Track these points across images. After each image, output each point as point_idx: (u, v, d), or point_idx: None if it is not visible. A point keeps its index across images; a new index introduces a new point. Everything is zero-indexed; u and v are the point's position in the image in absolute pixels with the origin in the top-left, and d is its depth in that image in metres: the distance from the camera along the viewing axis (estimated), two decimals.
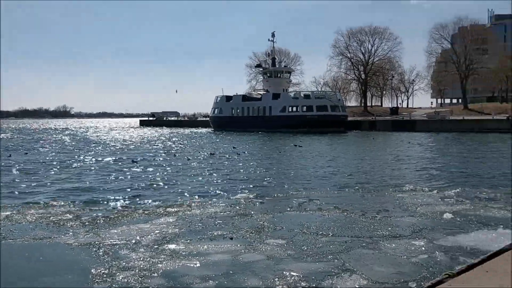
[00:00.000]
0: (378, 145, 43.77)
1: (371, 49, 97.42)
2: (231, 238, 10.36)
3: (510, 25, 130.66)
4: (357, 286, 7.33)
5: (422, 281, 7.23)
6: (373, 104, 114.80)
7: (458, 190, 16.23)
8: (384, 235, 10.36)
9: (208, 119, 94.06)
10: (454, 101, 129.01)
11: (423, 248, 9.27)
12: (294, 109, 74.26)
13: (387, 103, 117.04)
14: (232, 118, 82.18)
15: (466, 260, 7.98)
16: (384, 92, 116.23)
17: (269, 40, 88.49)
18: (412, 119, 72.75)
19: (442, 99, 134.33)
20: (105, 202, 14.74)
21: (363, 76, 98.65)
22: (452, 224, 11.33)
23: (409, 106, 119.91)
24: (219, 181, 19.73)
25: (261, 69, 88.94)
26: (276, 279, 7.78)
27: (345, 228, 11.02)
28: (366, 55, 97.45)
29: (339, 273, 7.93)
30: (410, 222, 11.57)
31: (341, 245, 9.63)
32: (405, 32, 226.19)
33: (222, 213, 12.95)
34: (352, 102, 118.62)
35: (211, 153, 34.51)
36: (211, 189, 17.53)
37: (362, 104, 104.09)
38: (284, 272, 8.07)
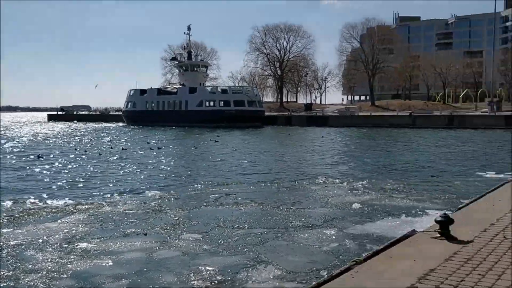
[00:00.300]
0: (293, 139, 44.96)
1: (287, 46, 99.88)
2: (145, 235, 10.13)
3: (414, 27, 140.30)
4: (271, 277, 7.48)
5: (332, 269, 7.53)
6: (289, 100, 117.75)
7: (365, 182, 17.11)
8: (298, 226, 10.68)
9: (121, 113, 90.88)
10: (363, 98, 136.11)
11: (333, 237, 9.67)
12: (211, 103, 74.06)
13: (302, 99, 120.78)
14: (147, 112, 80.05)
15: (372, 247, 8.44)
16: (299, 88, 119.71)
17: (185, 33, 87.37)
18: (325, 115, 75.63)
19: (352, 96, 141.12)
20: (9, 201, 13.73)
21: (279, 72, 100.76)
22: (361, 214, 11.93)
23: (322, 102, 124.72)
24: (132, 177, 19.19)
25: (177, 62, 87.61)
26: (192, 275, 7.72)
27: (261, 221, 11.20)
28: (281, 52, 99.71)
29: (254, 265, 8.04)
30: (322, 212, 12.02)
31: (256, 237, 9.78)
32: (318, 31, 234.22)
33: (135, 210, 12.61)
34: (268, 97, 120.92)
35: (123, 148, 33.44)
36: (124, 185, 17.01)
37: (278, 100, 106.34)
38: (200, 267, 8.03)
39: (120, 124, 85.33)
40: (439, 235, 6.54)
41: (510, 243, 6.21)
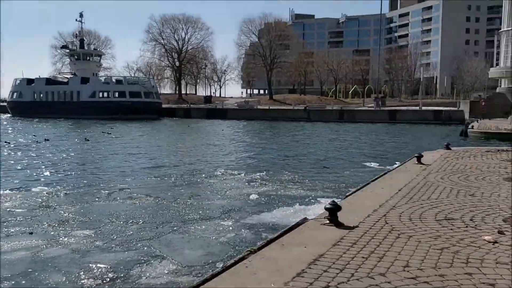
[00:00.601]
0: (192, 132, 44.66)
1: (185, 37, 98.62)
2: (31, 233, 9.41)
3: (308, 24, 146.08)
4: (166, 272, 7.33)
5: (228, 259, 7.58)
6: (188, 92, 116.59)
7: (263, 173, 17.50)
8: (195, 218, 10.61)
9: (5, 104, 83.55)
10: (262, 92, 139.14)
11: (231, 228, 9.75)
12: (105, 94, 70.95)
13: (201, 92, 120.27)
14: (35, 104, 74.42)
15: (268, 235, 8.64)
16: (198, 80, 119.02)
17: (76, 20, 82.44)
18: (225, 108, 76.15)
19: (251, 90, 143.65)
20: None
21: (177, 63, 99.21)
22: (258, 204, 12.17)
23: (222, 95, 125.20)
24: (17, 172, 17.74)
25: (68, 51, 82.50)
26: (82, 273, 7.32)
27: (156, 215, 10.95)
28: (180, 43, 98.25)
29: (148, 261, 7.83)
30: (219, 204, 12.07)
31: (151, 231, 9.54)
32: (217, 23, 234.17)
33: (19, 208, 11.66)
34: (167, 89, 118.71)
35: (6, 142, 30.79)
36: (6, 182, 15.65)
37: (177, 92, 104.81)
38: (91, 265, 7.65)
39: (4, 116, 78.40)
40: (328, 221, 6.86)
41: (391, 227, 6.71)
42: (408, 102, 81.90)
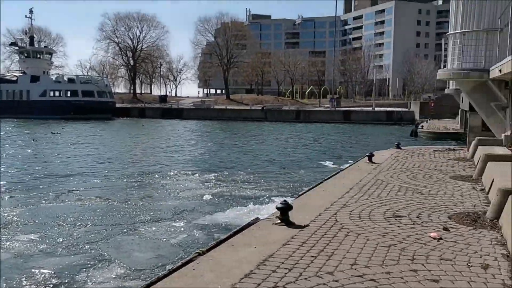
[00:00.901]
0: (146, 132, 43.84)
1: (140, 36, 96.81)
2: None
3: (265, 25, 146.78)
4: (113, 276, 7.10)
5: (178, 261, 7.43)
6: (143, 92, 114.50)
7: (218, 174, 17.37)
8: (146, 220, 10.36)
9: None
10: (219, 91, 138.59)
11: (182, 229, 9.58)
12: (57, 93, 68.60)
13: (157, 91, 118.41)
14: None
15: (220, 236, 8.52)
16: (153, 80, 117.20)
17: (26, 16, 79.37)
18: (180, 108, 75.31)
19: (208, 89, 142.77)
20: None
21: (131, 62, 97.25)
22: (211, 204, 12.04)
23: (178, 94, 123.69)
24: None
25: (17, 48, 79.20)
26: (23, 279, 6.98)
27: (106, 217, 10.62)
28: (134, 41, 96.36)
29: (95, 264, 7.56)
30: (172, 205, 11.85)
31: (100, 234, 9.24)
32: (172, 22, 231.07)
33: None
34: (121, 88, 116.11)
35: None
36: None
37: (132, 91, 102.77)
38: (34, 270, 7.30)
39: None
40: (279, 221, 6.84)
41: (341, 226, 6.76)
42: (362, 103, 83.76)
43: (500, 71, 12.82)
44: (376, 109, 63.95)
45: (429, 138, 34.50)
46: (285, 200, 7.07)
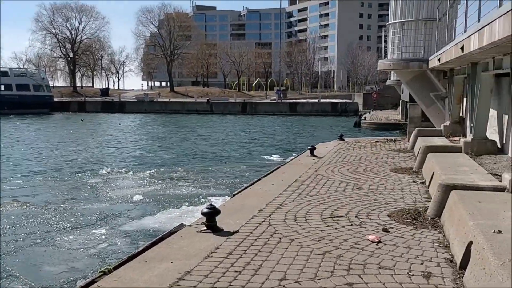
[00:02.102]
0: (85, 127, 41.72)
1: (79, 27, 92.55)
2: None
3: (210, 16, 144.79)
4: None
5: (92, 275, 6.53)
6: (84, 85, 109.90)
7: (153, 171, 16.38)
8: (64, 227, 9.31)
9: None
10: (164, 84, 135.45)
11: (104, 237, 8.64)
12: None
13: (99, 84, 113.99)
14: None
15: (146, 244, 7.69)
16: (95, 72, 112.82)
17: None
18: (122, 101, 72.64)
19: (153, 82, 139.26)
20: None
21: (71, 54, 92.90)
22: (141, 207, 11.12)
23: (122, 87, 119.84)
24: None
25: None
26: None
27: (19, 225, 9.47)
28: (73, 32, 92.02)
29: None
30: (97, 209, 10.82)
31: (8, 245, 8.13)
32: (114, 13, 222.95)
33: None
34: (61, 82, 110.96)
35: None
36: None
37: (72, 85, 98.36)
38: None
39: None
40: (205, 228, 6.10)
41: (274, 230, 6.10)
42: (308, 94, 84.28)
43: (439, 60, 12.65)
44: (322, 101, 64.41)
45: (372, 129, 34.85)
46: (211, 204, 6.30)
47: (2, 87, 64.63)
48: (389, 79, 44.27)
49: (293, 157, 14.06)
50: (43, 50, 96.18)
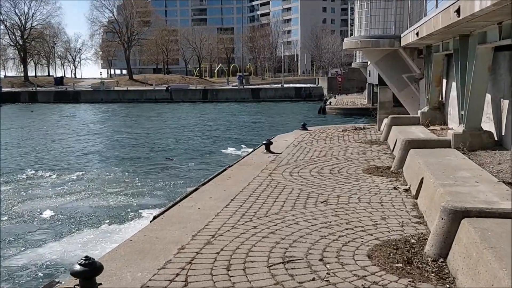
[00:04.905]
0: (31, 120, 38.15)
1: (28, 12, 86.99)
2: None
3: (170, 1, 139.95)
4: None
5: None
6: (39, 74, 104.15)
7: (82, 173, 13.79)
8: None
9: None
10: (124, 72, 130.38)
11: None
12: None
13: (55, 73, 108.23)
14: None
15: None
16: (50, 61, 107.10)
17: None
18: (76, 90, 68.48)
19: (113, 70, 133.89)
20: None
21: (21, 42, 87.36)
22: (47, 227, 8.63)
23: (79, 76, 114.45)
24: None
25: None
26: None
27: None
28: (22, 18, 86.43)
29: None
30: None
31: None
32: None
33: None
34: (13, 71, 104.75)
35: None
36: None
37: (23, 74, 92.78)
38: None
39: None
40: None
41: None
42: (271, 80, 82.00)
43: (417, 34, 10.52)
44: (285, 85, 62.33)
45: (337, 115, 32.95)
46: (87, 257, 3.89)
47: None
48: (355, 61, 42.48)
49: (246, 154, 11.73)
50: None
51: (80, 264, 3.77)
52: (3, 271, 6.58)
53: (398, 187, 7.26)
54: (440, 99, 12.30)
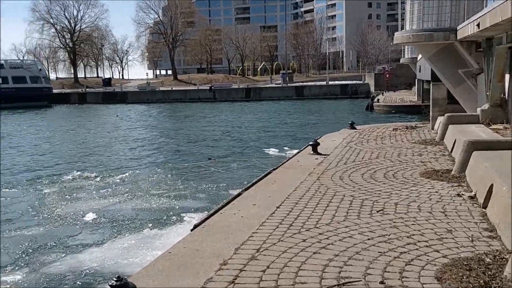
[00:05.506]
0: (79, 120, 39.14)
1: (77, 15, 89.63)
2: None
3: (214, 1, 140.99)
4: None
5: None
6: (89, 76, 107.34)
7: (125, 175, 13.68)
8: None
9: None
10: (170, 72, 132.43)
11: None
12: None
13: (105, 75, 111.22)
14: None
15: None
16: (99, 62, 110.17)
17: None
18: (124, 91, 69.88)
19: (159, 70, 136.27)
20: None
21: (70, 44, 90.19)
22: (88, 231, 8.44)
23: (126, 77, 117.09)
24: None
25: None
26: None
27: None
28: (71, 22, 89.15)
29: None
30: (29, 236, 8.13)
31: None
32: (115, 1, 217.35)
33: None
34: (63, 73, 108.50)
35: None
36: None
37: (73, 75, 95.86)
38: None
39: None
40: None
41: None
42: (316, 77, 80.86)
43: (478, 25, 9.66)
44: (330, 83, 61.19)
45: (385, 112, 31.81)
46: (119, 277, 3.50)
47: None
48: (403, 56, 41.00)
49: (291, 155, 11.20)
50: (41, 41, 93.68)
51: (111, 286, 3.39)
52: (43, 277, 6.38)
53: (462, 194, 6.55)
54: (502, 95, 11.32)
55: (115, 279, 3.45)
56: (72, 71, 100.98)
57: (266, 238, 5.07)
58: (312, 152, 10.57)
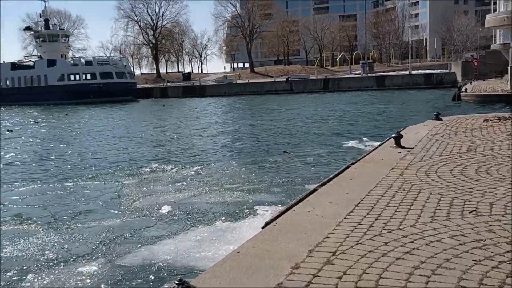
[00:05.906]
0: (162, 113, 40.57)
1: (159, 12, 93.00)
2: None
3: None
4: None
5: None
6: (170, 70, 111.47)
7: (200, 167, 13.68)
8: (53, 258, 6.83)
9: None
10: (247, 65, 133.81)
11: (82, 280, 6.01)
12: (76, 77, 66.21)
13: (185, 69, 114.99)
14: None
15: None
16: (179, 57, 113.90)
17: None
18: (202, 85, 71.62)
19: (236, 64, 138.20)
20: None
21: (153, 40, 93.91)
22: (163, 223, 8.48)
23: (204, 71, 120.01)
24: None
25: (32, 32, 76.84)
26: None
27: None
28: (154, 18, 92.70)
29: None
30: (106, 227, 8.30)
31: None
32: None
33: None
34: (147, 68, 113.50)
35: None
36: None
37: (156, 71, 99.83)
38: None
39: None
40: None
41: None
42: (397, 66, 77.64)
43: None
44: (413, 72, 58.43)
45: (474, 102, 29.64)
46: (180, 280, 3.27)
47: (89, 76, 66.32)
48: (494, 42, 38.04)
49: (372, 149, 10.57)
50: (126, 38, 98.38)
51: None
52: (117, 269, 6.41)
53: None
54: None
55: (176, 282, 3.22)
56: (155, 67, 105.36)
57: (343, 239, 4.64)
58: (394, 145, 9.88)
